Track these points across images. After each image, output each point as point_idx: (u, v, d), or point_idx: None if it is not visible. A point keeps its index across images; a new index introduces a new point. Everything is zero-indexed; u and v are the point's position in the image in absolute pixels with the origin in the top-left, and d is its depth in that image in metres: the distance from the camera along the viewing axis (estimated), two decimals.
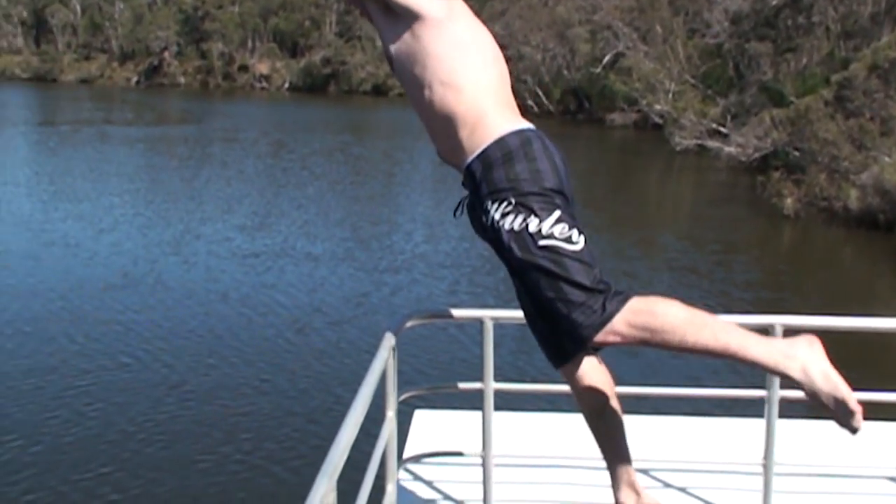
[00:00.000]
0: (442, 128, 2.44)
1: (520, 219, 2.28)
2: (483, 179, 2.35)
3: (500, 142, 2.33)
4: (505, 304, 2.75)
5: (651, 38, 45.12)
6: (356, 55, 73.57)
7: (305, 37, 78.00)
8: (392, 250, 17.84)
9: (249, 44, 79.28)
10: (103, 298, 13.75)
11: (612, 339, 2.25)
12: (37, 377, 10.41)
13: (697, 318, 2.27)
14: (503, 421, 4.08)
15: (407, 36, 2.41)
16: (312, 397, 10.15)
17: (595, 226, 21.50)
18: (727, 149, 31.72)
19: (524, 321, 3.79)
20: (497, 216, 2.32)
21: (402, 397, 3.60)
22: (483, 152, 2.35)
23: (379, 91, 72.03)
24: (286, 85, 76.36)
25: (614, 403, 2.59)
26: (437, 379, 10.18)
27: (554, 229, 2.25)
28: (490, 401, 3.53)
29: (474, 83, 2.41)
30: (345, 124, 48.49)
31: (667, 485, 3.73)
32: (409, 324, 3.52)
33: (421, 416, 4.42)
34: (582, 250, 2.26)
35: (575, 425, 4.33)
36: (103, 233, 18.60)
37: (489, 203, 2.33)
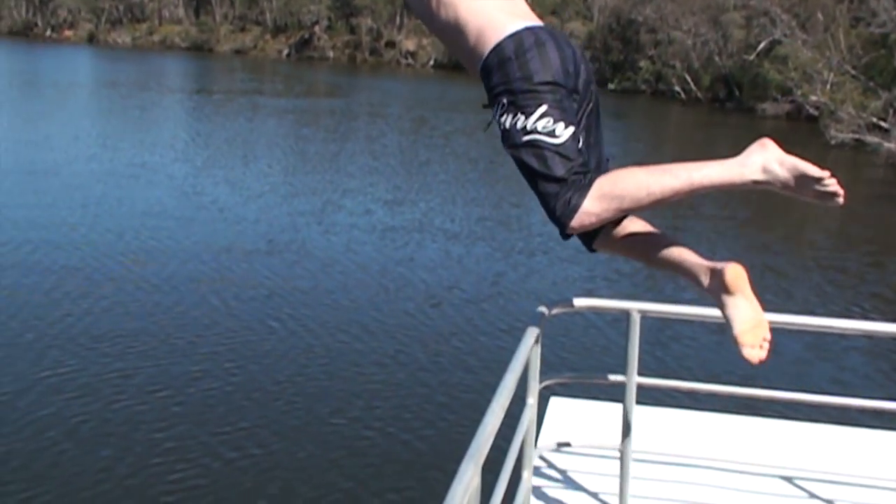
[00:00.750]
0: (458, 47, 2.53)
1: (510, 117, 2.36)
2: (487, 86, 2.45)
3: (497, 48, 2.39)
4: (643, 293, 2.71)
5: (811, 26, 43.19)
6: None
7: None
8: (530, 232, 17.81)
9: (398, 20, 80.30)
10: (250, 262, 14.31)
11: (589, 220, 2.32)
12: (189, 333, 10.94)
13: (654, 168, 2.34)
14: (644, 416, 4.03)
15: None
16: (446, 371, 10.29)
17: (739, 219, 20.86)
18: (887, 144, 30.14)
19: (673, 315, 3.73)
20: (496, 117, 2.43)
21: (543, 385, 3.61)
22: (485, 61, 2.42)
23: None
24: (431, 62, 77.03)
25: (658, 238, 2.56)
26: (574, 367, 10.15)
27: (538, 124, 2.31)
28: (632, 394, 3.50)
29: (469, 23, 2.47)
30: None
31: (812, 495, 3.62)
32: (554, 311, 3.51)
33: (557, 405, 4.41)
34: (564, 143, 2.31)
35: (718, 426, 4.24)
36: (251, 199, 19.31)
37: (493, 107, 2.45)
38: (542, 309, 3.49)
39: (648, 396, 4.16)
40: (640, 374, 3.53)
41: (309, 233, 16.57)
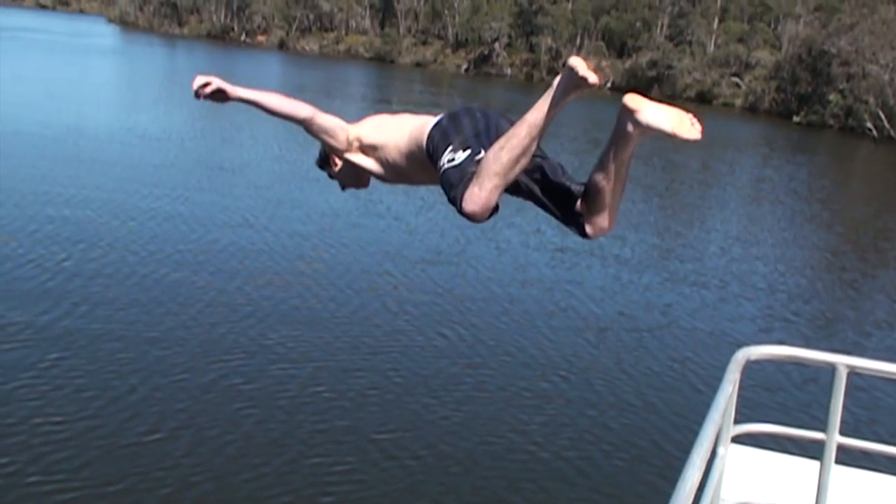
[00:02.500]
0: (418, 164, 3.17)
1: (436, 165, 3.02)
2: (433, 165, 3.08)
3: (429, 138, 3.07)
4: (824, 339, 2.54)
5: None
6: (684, 60, 71.95)
7: (634, 38, 77.44)
8: (702, 264, 17.31)
9: (578, 41, 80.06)
10: (421, 271, 14.54)
11: (480, 199, 2.76)
12: (358, 335, 11.22)
13: (507, 133, 2.80)
14: (841, 477, 3.81)
15: (376, 163, 3.34)
16: (614, 396, 10.11)
17: None
18: None
19: (886, 373, 3.51)
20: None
21: (734, 433, 3.46)
22: (427, 152, 3.08)
23: (703, 98, 69.98)
24: (608, 84, 76.27)
25: (599, 167, 2.90)
26: (754, 414, 9.71)
27: (444, 158, 2.94)
28: (831, 453, 3.31)
29: (406, 132, 3.23)
30: None
31: None
32: (753, 358, 3.37)
33: (739, 454, 4.22)
34: (458, 164, 2.91)
35: None
36: (424, 209, 19.64)
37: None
38: (740, 355, 3.35)
39: (847, 457, 3.92)
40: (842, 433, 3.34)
41: (479, 247, 16.70)
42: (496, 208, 2.85)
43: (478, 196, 2.76)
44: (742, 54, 71.35)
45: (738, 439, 4.24)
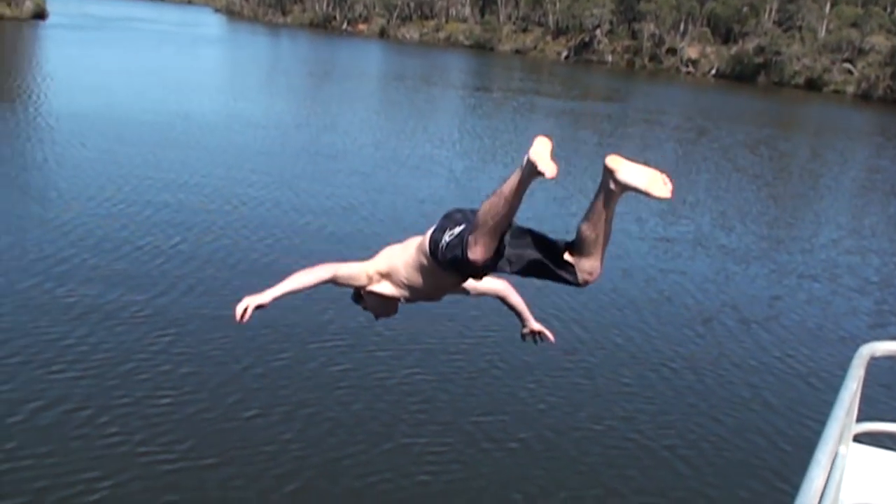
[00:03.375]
0: (430, 271, 3.55)
1: (438, 246, 3.47)
2: (436, 257, 3.53)
3: (432, 240, 3.48)
4: None
5: None
6: (793, 46, 69.76)
7: (741, 23, 75.47)
8: (811, 256, 16.82)
9: (681, 27, 78.46)
10: None
11: (478, 248, 3.24)
12: (460, 318, 11.32)
13: (492, 195, 3.20)
14: None
15: (395, 287, 3.73)
16: (712, 388, 9.96)
17: None
18: None
19: None
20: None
21: (856, 432, 3.40)
22: (432, 253, 3.49)
23: (812, 85, 67.83)
24: (713, 71, 74.66)
25: (586, 220, 3.24)
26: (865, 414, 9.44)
27: (445, 237, 3.41)
28: None
29: (412, 248, 3.64)
30: (772, 117, 46.42)
31: None
32: (878, 354, 3.30)
33: (859, 453, 4.12)
34: (456, 234, 3.37)
35: None
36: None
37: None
38: (864, 350, 3.28)
39: None
40: None
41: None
42: (497, 253, 3.30)
43: (474, 247, 3.25)
44: (855, 39, 68.82)
45: (857, 438, 4.15)
